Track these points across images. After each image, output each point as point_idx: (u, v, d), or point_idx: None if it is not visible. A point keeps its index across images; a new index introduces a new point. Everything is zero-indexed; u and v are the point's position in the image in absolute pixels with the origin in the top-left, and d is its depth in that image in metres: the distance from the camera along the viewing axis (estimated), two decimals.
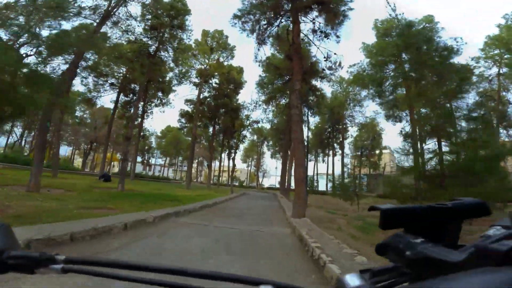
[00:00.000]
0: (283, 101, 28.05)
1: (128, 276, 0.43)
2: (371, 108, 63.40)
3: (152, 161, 75.02)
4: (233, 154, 24.18)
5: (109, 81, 28.52)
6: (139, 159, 68.70)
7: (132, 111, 34.48)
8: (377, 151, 46.12)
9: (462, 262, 0.32)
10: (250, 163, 65.99)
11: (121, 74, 28.82)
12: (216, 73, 32.42)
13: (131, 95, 32.09)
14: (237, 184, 58.26)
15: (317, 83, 23.64)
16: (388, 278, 0.38)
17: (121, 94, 31.84)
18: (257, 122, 23.76)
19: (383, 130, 43.77)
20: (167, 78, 35.62)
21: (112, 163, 70.88)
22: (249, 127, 22.97)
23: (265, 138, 50.68)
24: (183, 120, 30.71)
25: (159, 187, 21.63)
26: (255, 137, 52.59)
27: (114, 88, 29.74)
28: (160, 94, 35.47)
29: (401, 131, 37.06)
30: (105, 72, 26.71)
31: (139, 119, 33.76)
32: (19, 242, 0.47)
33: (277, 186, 52.01)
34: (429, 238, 0.38)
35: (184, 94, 30.58)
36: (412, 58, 21.23)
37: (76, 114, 42.21)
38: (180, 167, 78.22)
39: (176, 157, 67.44)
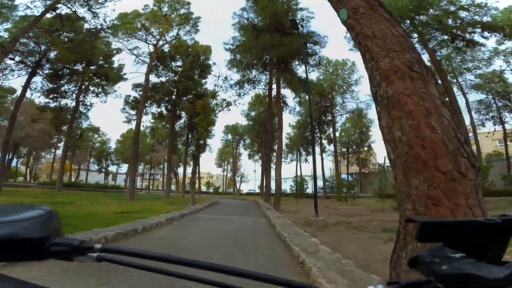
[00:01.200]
0: (263, 81, 21.81)
1: (161, 269, 0.43)
2: (362, 93, 58.57)
3: (114, 169, 64.98)
4: (195, 150, 17.28)
5: (16, 59, 20.26)
6: (94, 167, 58.85)
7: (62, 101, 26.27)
8: (365, 147, 41.36)
9: (503, 280, 0.30)
10: (225, 167, 58.74)
11: (32, 49, 20.81)
12: (177, 54, 25.45)
13: (58, 80, 23.95)
14: (211, 191, 50.86)
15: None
16: None
17: (43, 78, 23.63)
18: (229, 103, 17.29)
19: (372, 121, 38.92)
20: (116, 65, 28.05)
21: (70, 173, 60.11)
22: (217, 109, 16.28)
23: (241, 137, 44.03)
24: (129, 110, 23.19)
25: (81, 199, 14.19)
26: (230, 135, 45.84)
27: (26, 68, 21.49)
28: (104, 81, 27.68)
29: None
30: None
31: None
32: (63, 229, 0.45)
33: (257, 191, 45.45)
34: (471, 253, 0.35)
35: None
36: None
37: None
38: (154, 175, 68.80)
39: (140, 164, 58.42)
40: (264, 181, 31.51)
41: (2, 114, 29.03)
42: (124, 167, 67.07)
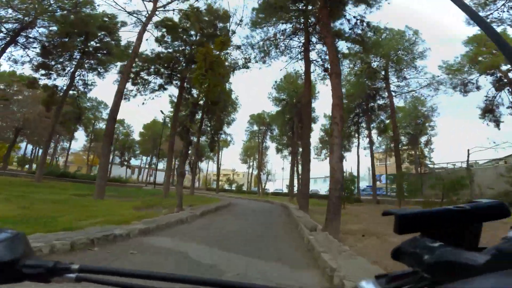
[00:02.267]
0: (295, 45, 15.63)
1: (142, 285, 0.42)
2: (430, 69, 46.77)
3: (137, 162, 62.96)
4: (188, 119, 11.57)
5: None
6: (117, 159, 56.81)
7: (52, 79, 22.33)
8: (421, 143, 32.54)
9: (484, 265, 0.30)
10: (251, 163, 52.98)
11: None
12: (185, 18, 20.25)
13: (46, 53, 19.96)
14: (233, 188, 45.62)
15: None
16: (406, 283, 0.36)
17: (24, 49, 19.80)
18: (247, 60, 11.52)
19: (434, 110, 29.61)
20: (123, 42, 23.60)
21: (90, 165, 59.13)
22: (228, 62, 10.57)
23: (267, 127, 37.92)
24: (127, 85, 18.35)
25: (28, 191, 9.34)
26: (255, 126, 40.02)
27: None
28: (108, 57, 23.40)
29: (486, 99, 23.89)
30: None
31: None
32: (33, 251, 0.45)
33: (285, 191, 39.05)
34: (448, 241, 0.36)
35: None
36: None
37: None
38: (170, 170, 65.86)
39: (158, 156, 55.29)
40: (296, 178, 24.88)
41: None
42: (144, 161, 64.80)
